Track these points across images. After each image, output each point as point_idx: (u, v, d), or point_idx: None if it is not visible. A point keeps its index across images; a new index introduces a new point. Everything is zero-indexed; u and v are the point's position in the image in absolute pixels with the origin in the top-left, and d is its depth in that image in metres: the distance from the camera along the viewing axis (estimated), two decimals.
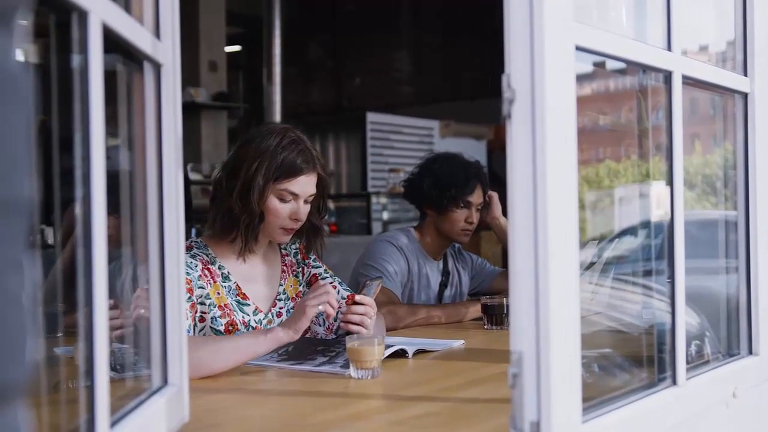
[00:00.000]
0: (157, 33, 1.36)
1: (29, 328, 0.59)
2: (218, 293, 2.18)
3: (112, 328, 1.50)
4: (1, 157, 0.56)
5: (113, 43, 1.13)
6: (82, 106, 1.02)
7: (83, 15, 1.01)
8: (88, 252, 1.02)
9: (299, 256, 2.44)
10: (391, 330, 2.69)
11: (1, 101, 0.57)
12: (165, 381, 1.38)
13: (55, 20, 1.06)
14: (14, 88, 0.58)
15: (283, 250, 2.42)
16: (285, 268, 2.39)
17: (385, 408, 1.68)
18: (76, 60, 1.03)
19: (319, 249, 2.40)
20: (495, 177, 3.91)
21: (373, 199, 7.49)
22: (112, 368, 1.15)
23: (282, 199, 2.20)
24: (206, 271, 2.18)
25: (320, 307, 2.00)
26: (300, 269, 2.43)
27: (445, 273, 3.15)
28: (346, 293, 2.40)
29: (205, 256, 2.20)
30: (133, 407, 1.23)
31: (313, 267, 2.45)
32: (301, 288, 2.40)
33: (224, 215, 2.21)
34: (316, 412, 1.60)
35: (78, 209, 1.03)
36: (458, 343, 2.35)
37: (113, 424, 1.10)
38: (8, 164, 0.56)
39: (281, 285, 2.36)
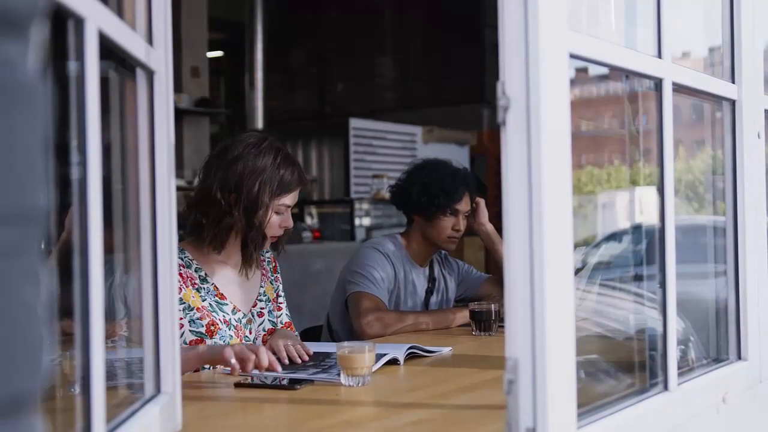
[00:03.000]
0: (149, 40, 1.35)
1: (45, 338, 0.59)
2: (193, 297, 2.23)
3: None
4: (17, 167, 0.56)
5: (106, 49, 1.12)
6: (78, 113, 1.01)
7: (79, 22, 1.00)
8: (84, 260, 1.01)
9: (271, 266, 2.52)
10: (379, 336, 2.69)
11: (17, 110, 0.57)
12: (158, 389, 1.37)
13: (50, 27, 1.05)
14: (30, 97, 0.57)
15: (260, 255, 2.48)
16: (264, 271, 2.47)
17: (378, 415, 1.68)
18: (71, 66, 1.02)
19: (283, 244, 2.44)
20: (477, 182, 3.92)
21: (357, 205, 7.47)
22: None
23: (278, 213, 2.30)
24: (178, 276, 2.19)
25: (233, 361, 1.91)
26: (274, 277, 2.51)
27: (432, 279, 3.16)
28: (286, 319, 2.47)
29: (179, 260, 2.22)
30: (127, 416, 1.22)
31: (279, 282, 2.53)
32: (275, 294, 2.48)
33: (224, 231, 2.26)
34: (309, 420, 1.60)
35: (74, 216, 1.02)
36: (447, 350, 2.36)
37: None
38: (24, 174, 0.56)
39: (262, 287, 2.43)
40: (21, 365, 0.56)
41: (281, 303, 2.51)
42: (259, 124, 8.55)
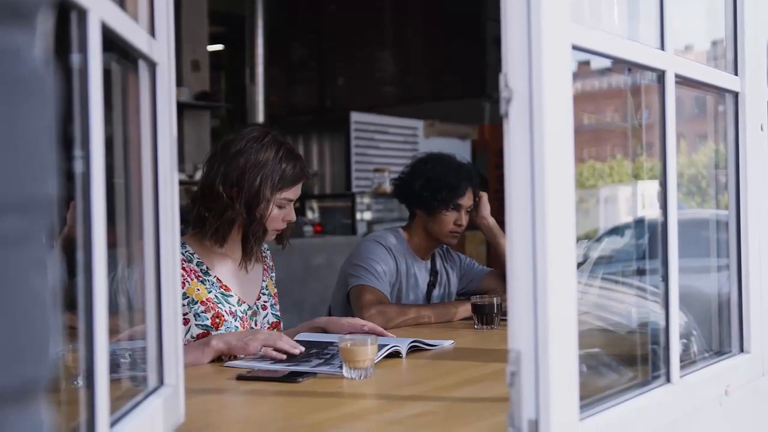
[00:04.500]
0: (152, 32, 1.35)
1: (52, 327, 0.59)
2: (198, 290, 2.25)
3: None
4: (25, 156, 0.56)
5: (109, 41, 1.12)
6: (81, 105, 1.01)
7: (82, 13, 1.00)
8: (88, 253, 1.01)
9: (270, 263, 2.55)
10: None
11: (25, 100, 0.57)
12: (161, 381, 1.37)
13: (54, 18, 1.05)
14: (38, 86, 0.58)
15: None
16: (266, 266, 2.50)
17: (380, 407, 1.68)
18: (74, 58, 1.02)
19: (287, 238, 2.46)
20: (480, 177, 3.92)
21: (358, 199, 7.47)
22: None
23: (280, 207, 2.31)
24: (181, 270, 2.20)
25: (262, 351, 2.06)
26: (273, 274, 2.55)
27: (434, 273, 3.16)
28: (273, 319, 2.47)
29: (180, 255, 2.23)
30: (130, 408, 1.22)
31: (274, 281, 2.56)
32: (274, 290, 2.51)
33: (227, 225, 2.28)
34: (311, 413, 1.60)
35: (77, 209, 1.02)
36: (449, 343, 2.36)
37: (112, 424, 1.09)
38: (32, 163, 0.56)
39: (264, 281, 2.46)
40: (28, 353, 0.57)
41: (274, 302, 2.53)
42: (260, 118, 8.55)
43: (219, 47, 10.17)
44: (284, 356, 2.04)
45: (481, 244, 6.74)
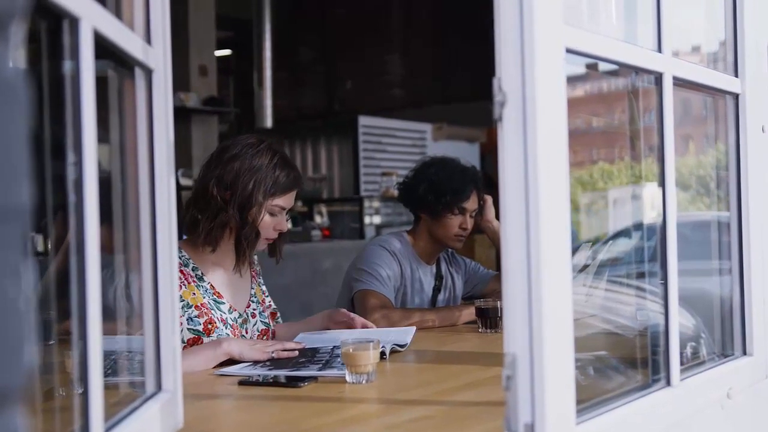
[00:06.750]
0: (148, 39, 1.36)
1: (27, 334, 0.60)
2: (194, 294, 2.27)
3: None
4: (0, 164, 0.56)
5: (104, 48, 1.12)
6: (74, 112, 1.02)
7: (74, 21, 1.01)
8: (81, 259, 1.01)
9: (258, 269, 2.57)
10: None
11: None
12: (159, 387, 1.37)
13: (46, 26, 1.05)
14: (11, 94, 0.58)
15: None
16: (254, 274, 2.51)
17: (380, 412, 1.68)
18: (67, 66, 1.02)
19: (281, 251, 2.47)
20: (487, 180, 3.92)
21: (366, 203, 7.47)
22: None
23: (272, 214, 2.33)
24: (179, 274, 2.22)
25: (275, 354, 2.14)
26: (261, 279, 2.56)
27: (439, 277, 3.15)
28: (262, 326, 2.48)
29: (177, 259, 2.24)
30: (127, 413, 1.22)
31: (263, 285, 2.57)
32: (263, 296, 2.53)
33: (219, 228, 2.29)
34: (312, 417, 1.60)
35: (71, 216, 1.03)
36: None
37: (108, 429, 1.10)
38: (7, 171, 0.57)
39: (252, 288, 2.48)
40: (2, 360, 0.57)
41: (269, 300, 2.56)
42: (268, 122, 8.55)
43: (226, 52, 10.19)
44: (296, 353, 2.15)
45: (491, 248, 6.70)
